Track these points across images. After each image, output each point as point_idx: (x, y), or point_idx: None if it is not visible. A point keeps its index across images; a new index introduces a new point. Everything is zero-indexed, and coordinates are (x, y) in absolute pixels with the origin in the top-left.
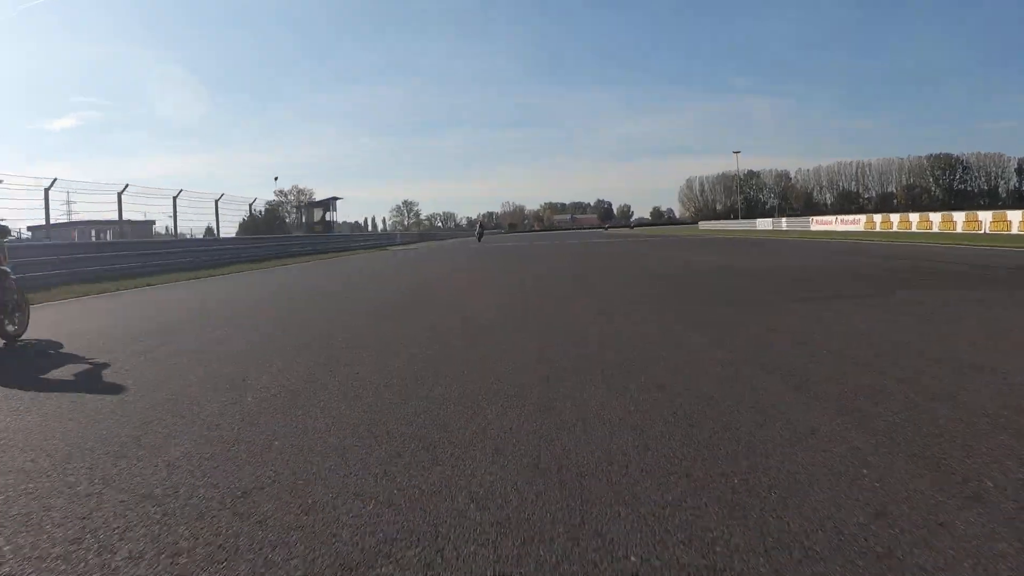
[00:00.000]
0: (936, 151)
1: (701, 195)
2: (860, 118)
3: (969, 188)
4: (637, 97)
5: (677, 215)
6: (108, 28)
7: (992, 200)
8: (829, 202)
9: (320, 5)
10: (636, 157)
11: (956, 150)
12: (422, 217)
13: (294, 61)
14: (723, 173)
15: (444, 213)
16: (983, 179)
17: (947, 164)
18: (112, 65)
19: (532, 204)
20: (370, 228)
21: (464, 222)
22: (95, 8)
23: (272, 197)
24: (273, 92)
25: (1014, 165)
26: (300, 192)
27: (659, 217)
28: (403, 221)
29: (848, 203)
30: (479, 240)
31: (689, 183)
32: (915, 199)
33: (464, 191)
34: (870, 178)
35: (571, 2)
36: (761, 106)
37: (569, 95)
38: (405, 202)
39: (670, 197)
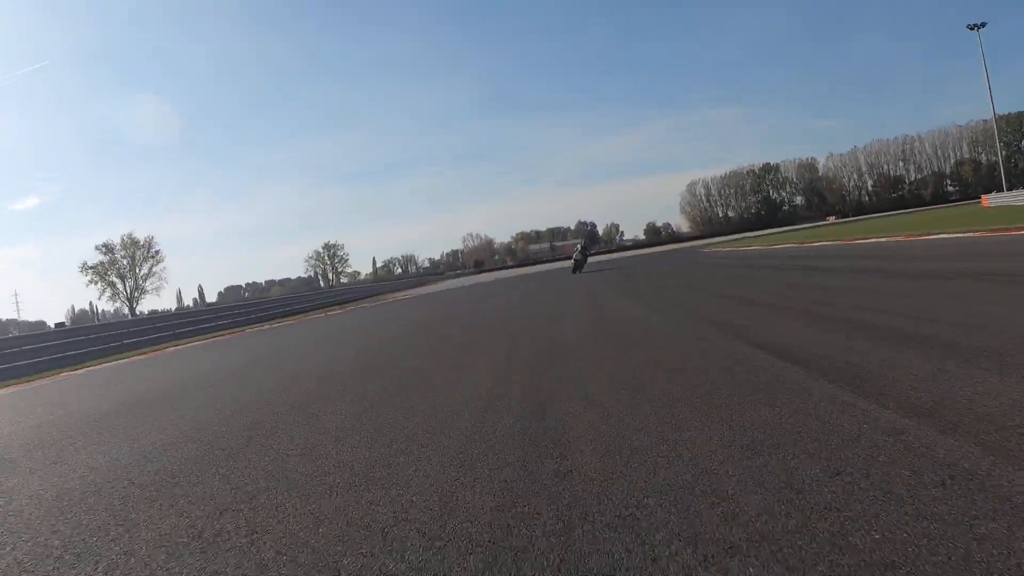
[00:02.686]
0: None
1: (707, 200)
2: (832, 117)
3: None
4: (599, 120)
5: (675, 229)
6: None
7: None
8: (870, 189)
9: (258, 62)
10: (618, 176)
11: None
12: (350, 265)
13: (238, 122)
14: (732, 171)
15: (404, 256)
16: None
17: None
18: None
19: (502, 236)
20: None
21: (426, 263)
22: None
23: None
24: (218, 153)
25: None
26: None
27: (656, 235)
28: (326, 273)
29: (891, 189)
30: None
31: (691, 188)
32: (985, 173)
33: (426, 232)
34: (921, 156)
35: (519, 33)
36: (730, 115)
37: (532, 124)
38: (327, 245)
39: (669, 212)
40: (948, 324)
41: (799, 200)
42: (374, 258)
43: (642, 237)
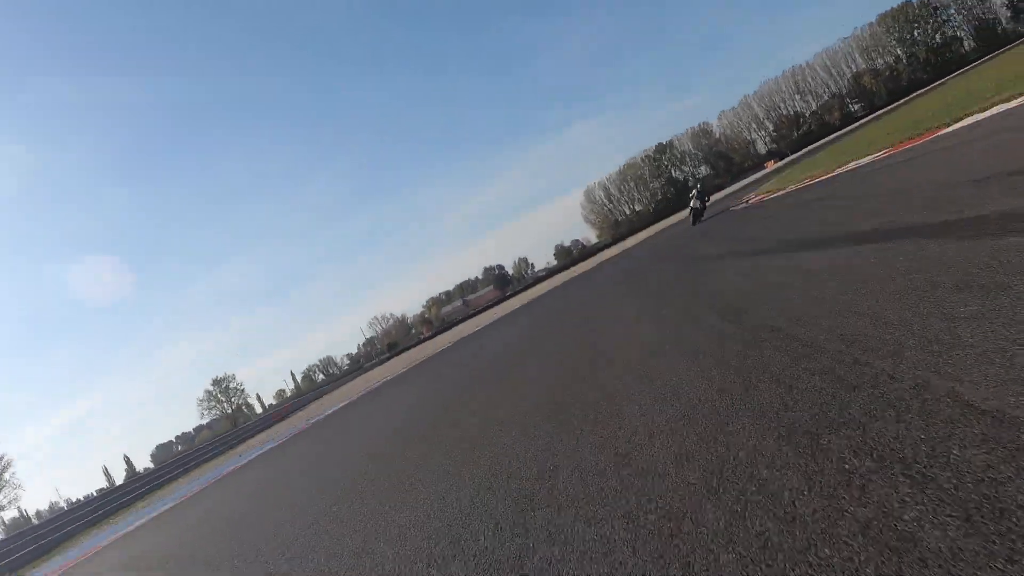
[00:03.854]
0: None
1: (609, 201)
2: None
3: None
4: (474, 170)
5: (584, 242)
6: None
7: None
8: (771, 132)
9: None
10: (513, 215)
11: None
12: (244, 392)
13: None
14: (627, 163)
15: (322, 360)
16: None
17: (910, 16)
18: None
19: (414, 308)
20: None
21: (345, 360)
22: None
23: None
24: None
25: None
26: None
27: (566, 255)
28: (223, 408)
29: (794, 128)
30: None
31: (589, 195)
32: (887, 76)
33: (340, 329)
34: (816, 81)
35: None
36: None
37: (411, 198)
38: (216, 380)
39: (577, 228)
40: None
41: (703, 170)
42: (292, 372)
43: (554, 263)
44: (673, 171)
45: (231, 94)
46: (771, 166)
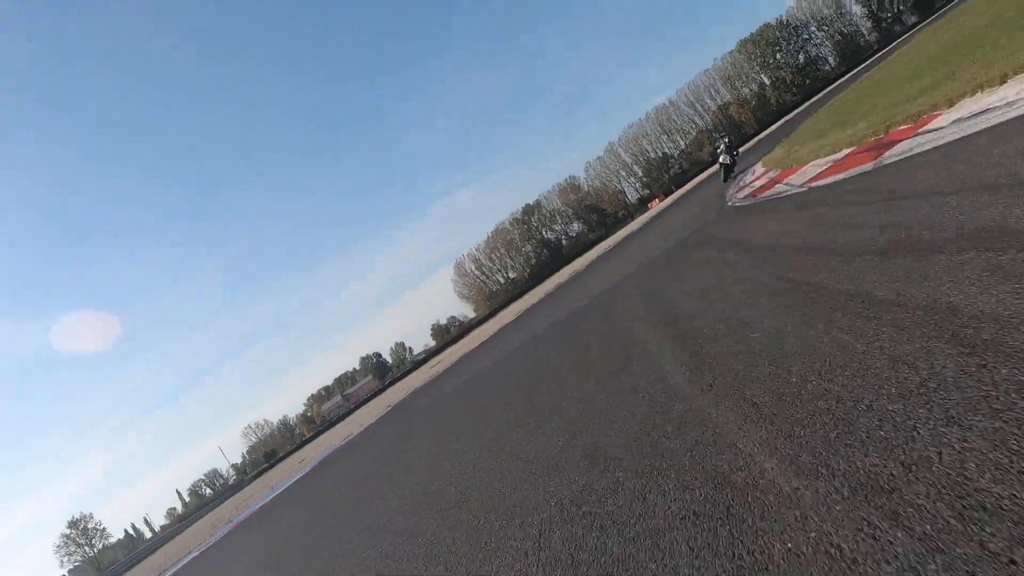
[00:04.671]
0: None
1: (480, 272)
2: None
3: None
4: (343, 264)
5: (461, 319)
6: None
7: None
8: (641, 181)
9: None
10: (388, 300)
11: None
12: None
13: None
14: (495, 231)
15: (207, 474)
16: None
17: (770, 40)
18: None
19: (294, 408)
20: None
21: (231, 473)
22: None
23: None
24: None
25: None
26: None
27: (444, 333)
28: (85, 552)
29: (661, 171)
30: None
31: (459, 268)
32: (757, 104)
33: (225, 441)
34: (681, 118)
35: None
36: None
37: (281, 299)
38: (72, 522)
39: (453, 304)
40: None
41: (576, 226)
42: (177, 490)
43: (432, 344)
44: (544, 232)
45: None
46: (656, 204)
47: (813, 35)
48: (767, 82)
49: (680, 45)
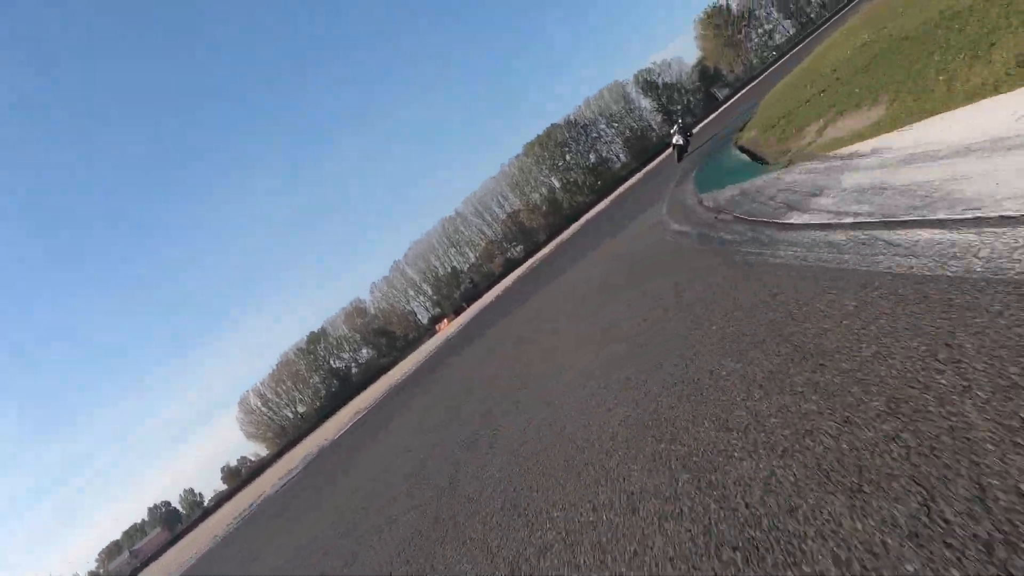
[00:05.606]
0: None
1: (269, 408)
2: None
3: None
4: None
5: (255, 457)
6: None
7: None
8: (431, 300)
9: None
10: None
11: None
12: None
13: None
14: (280, 363)
15: None
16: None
17: (558, 140)
18: None
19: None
20: None
21: None
22: None
23: None
24: None
25: None
26: None
27: (235, 476)
28: None
29: (452, 288)
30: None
31: (244, 406)
32: (548, 209)
33: None
34: (470, 228)
35: None
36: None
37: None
38: None
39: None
40: None
41: (365, 352)
42: None
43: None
44: (332, 361)
45: None
46: (444, 326)
47: (603, 132)
48: (557, 185)
49: (468, 151)
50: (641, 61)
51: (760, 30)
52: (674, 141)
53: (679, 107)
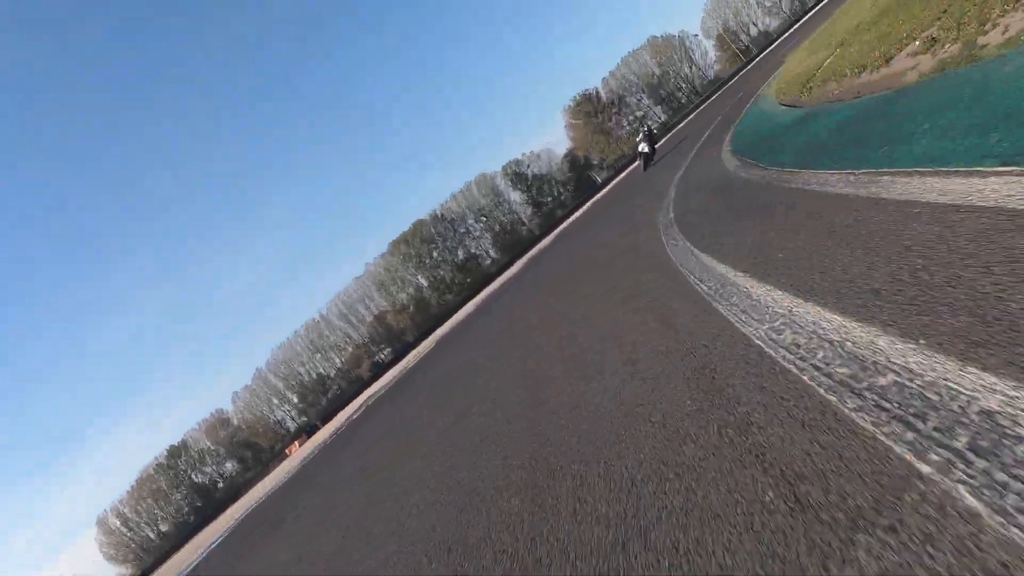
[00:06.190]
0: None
1: (134, 529)
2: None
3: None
4: None
5: None
6: None
7: None
8: (297, 408)
9: None
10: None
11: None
12: None
13: None
14: (139, 479)
15: None
16: None
17: (424, 236)
18: None
19: None
20: None
21: None
22: None
23: None
24: None
25: None
26: None
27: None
28: None
29: (318, 395)
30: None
31: (104, 528)
32: (422, 312)
33: None
34: (337, 335)
35: None
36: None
37: None
38: None
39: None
40: None
41: (230, 466)
42: None
43: None
44: (195, 475)
45: None
46: (295, 449)
47: (471, 228)
48: (425, 283)
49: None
50: (514, 154)
51: (631, 116)
52: (640, 149)
53: (549, 199)
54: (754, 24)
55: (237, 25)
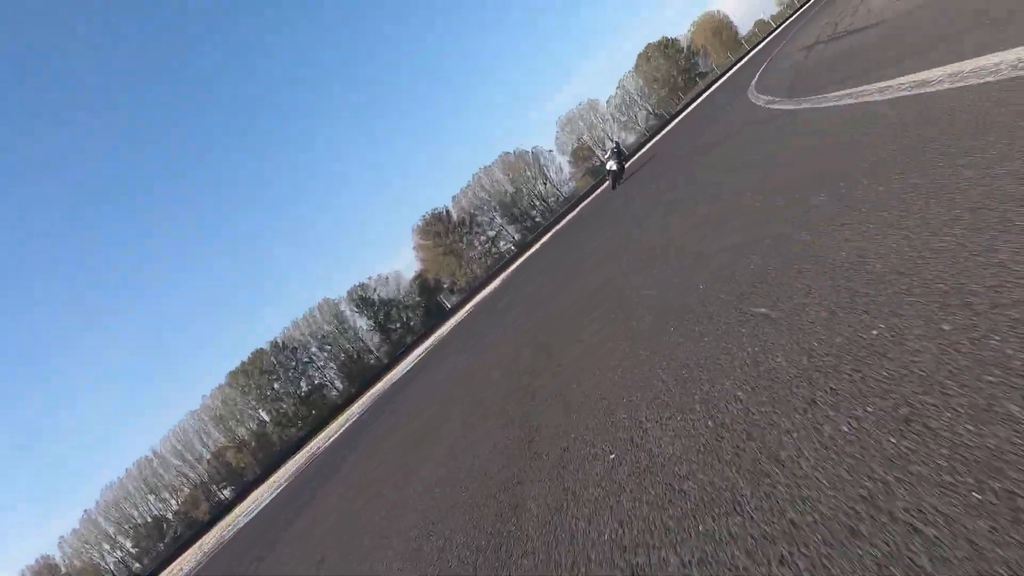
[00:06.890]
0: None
1: None
2: None
3: None
4: None
5: None
6: None
7: None
8: (131, 554)
9: None
10: None
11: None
12: None
13: None
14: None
15: None
16: None
17: (264, 367)
18: None
19: None
20: None
21: None
22: None
23: None
24: None
25: None
26: None
27: None
28: None
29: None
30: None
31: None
32: (265, 449)
33: None
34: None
35: None
36: None
37: None
38: None
39: None
40: None
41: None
42: None
43: None
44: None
45: None
46: None
47: (315, 356)
48: (267, 418)
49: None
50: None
51: (483, 236)
52: (608, 167)
53: (397, 324)
54: (610, 139)
55: None
